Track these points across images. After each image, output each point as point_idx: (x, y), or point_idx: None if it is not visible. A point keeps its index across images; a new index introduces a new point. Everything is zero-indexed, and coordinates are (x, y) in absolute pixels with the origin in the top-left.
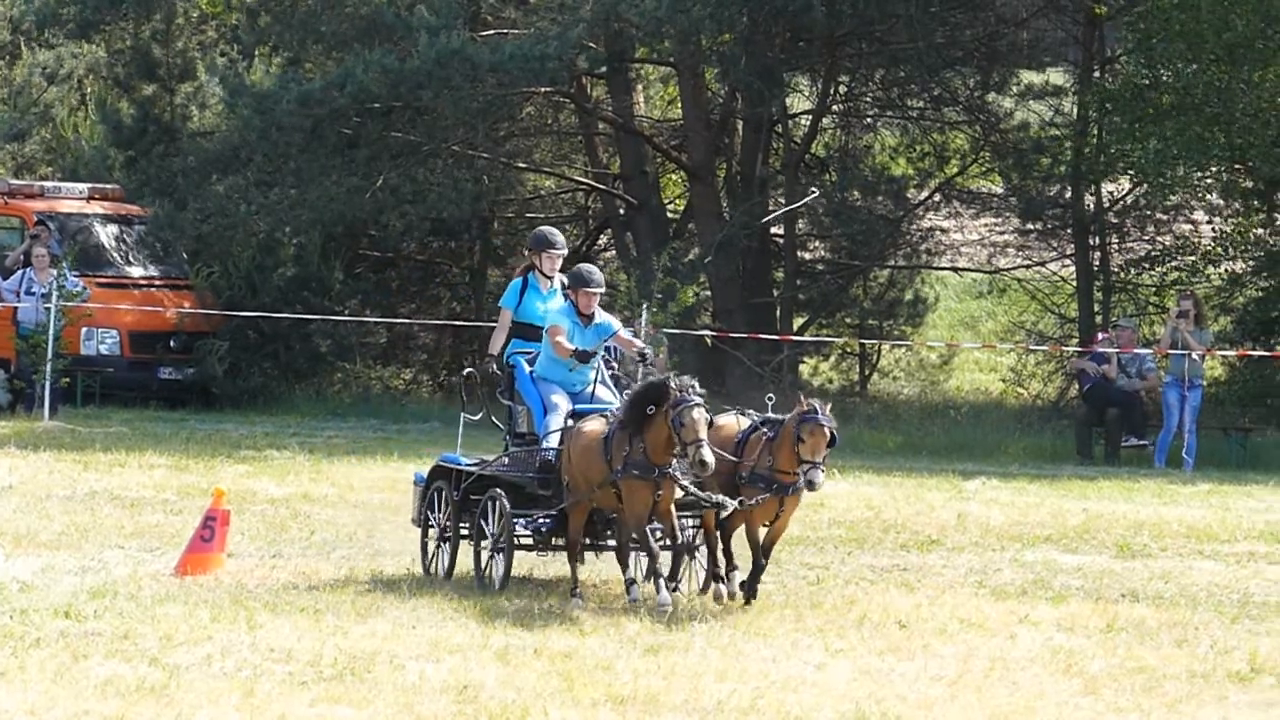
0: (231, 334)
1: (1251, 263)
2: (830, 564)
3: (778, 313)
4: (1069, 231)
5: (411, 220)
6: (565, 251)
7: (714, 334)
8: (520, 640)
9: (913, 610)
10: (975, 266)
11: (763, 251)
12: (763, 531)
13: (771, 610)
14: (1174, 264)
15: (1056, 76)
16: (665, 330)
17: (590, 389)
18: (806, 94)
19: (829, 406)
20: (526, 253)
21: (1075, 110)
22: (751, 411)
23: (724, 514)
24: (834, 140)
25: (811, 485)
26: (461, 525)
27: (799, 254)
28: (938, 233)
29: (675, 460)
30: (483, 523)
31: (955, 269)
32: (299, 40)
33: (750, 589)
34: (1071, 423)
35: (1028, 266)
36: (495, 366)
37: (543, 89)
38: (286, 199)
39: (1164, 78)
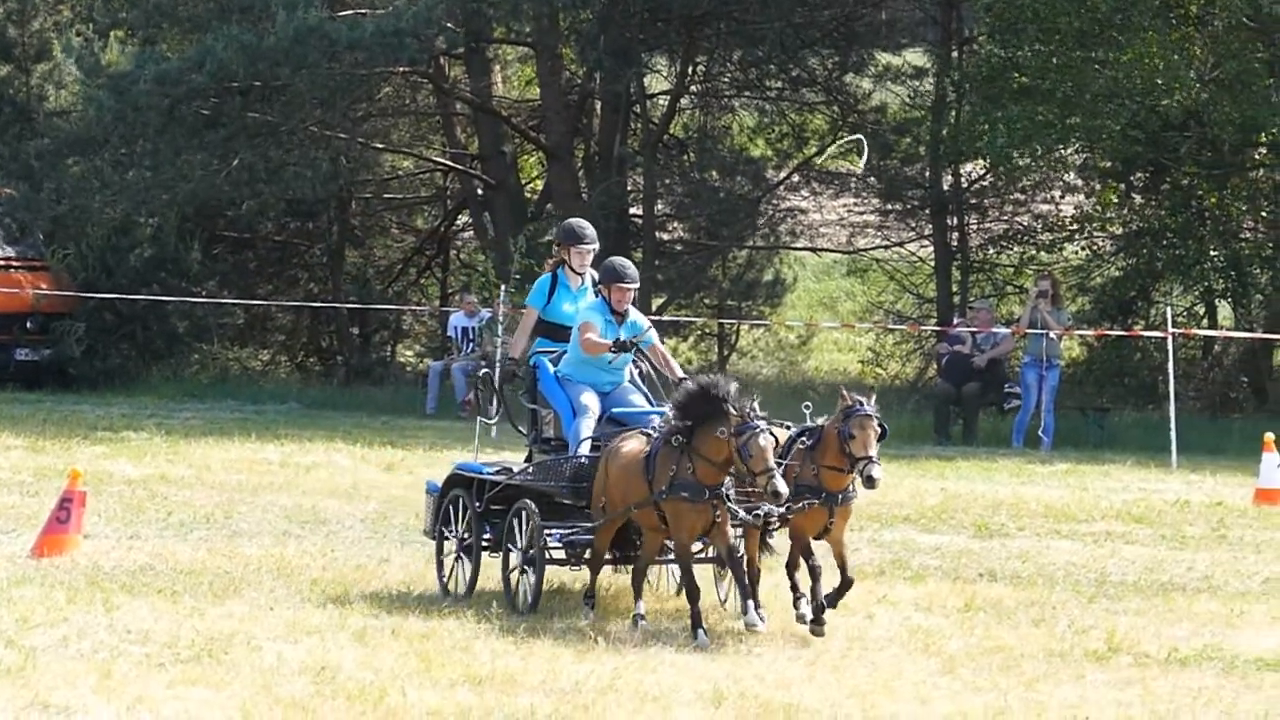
0: (88, 315)
1: (1109, 243)
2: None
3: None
4: (927, 212)
5: (268, 201)
6: (597, 246)
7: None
8: (378, 621)
9: (770, 591)
10: (834, 247)
11: (621, 232)
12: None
13: (629, 593)
14: (1031, 244)
15: (915, 57)
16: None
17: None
18: (665, 74)
19: (873, 398)
20: (555, 247)
21: (933, 91)
22: (788, 423)
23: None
24: (692, 120)
25: (871, 481)
26: (484, 537)
27: (657, 234)
28: (796, 213)
29: (728, 479)
30: (510, 535)
31: (814, 249)
32: (155, 20)
33: (831, 602)
34: (930, 402)
35: (886, 247)
36: (517, 369)
37: (401, 69)
38: (143, 180)
39: (1020, 59)
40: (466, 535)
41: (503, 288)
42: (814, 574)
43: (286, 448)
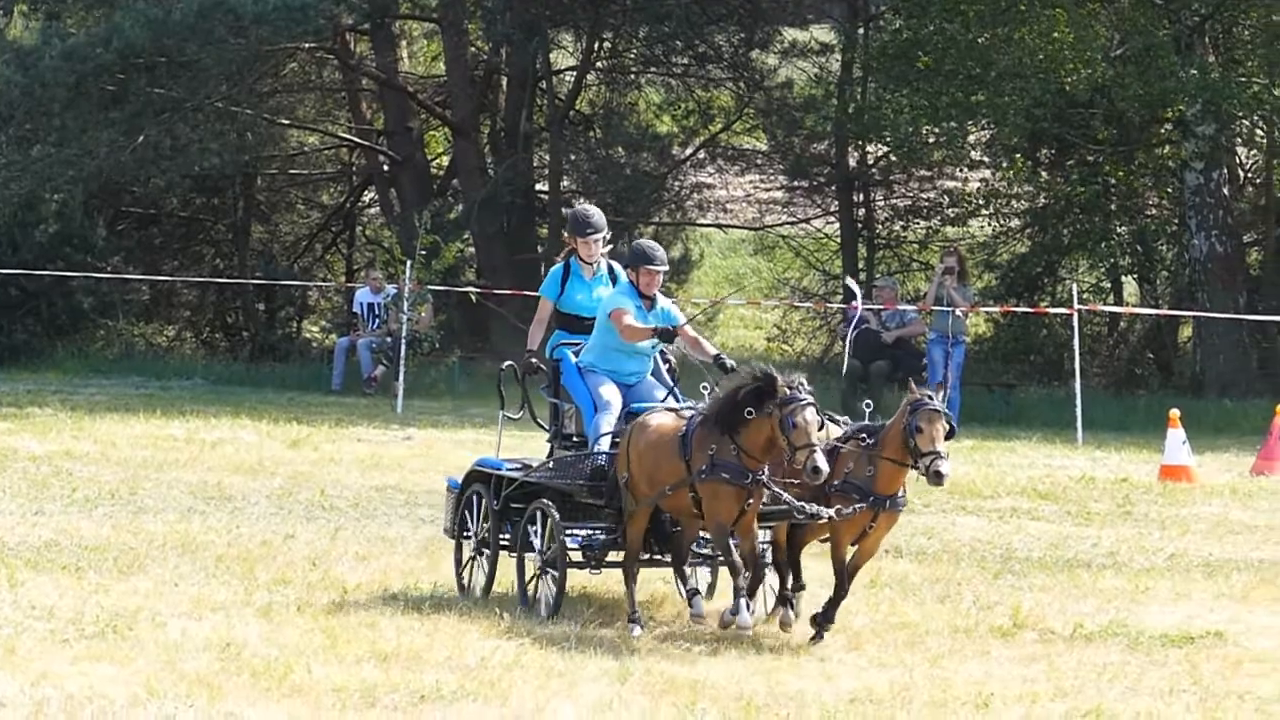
0: None
1: (1015, 219)
2: None
3: (542, 269)
4: (833, 189)
5: (174, 177)
6: (607, 233)
7: (478, 291)
8: (283, 597)
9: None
10: (740, 223)
11: (527, 209)
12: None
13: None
14: (937, 220)
15: (821, 34)
16: (430, 287)
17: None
18: (571, 50)
19: (941, 396)
20: (565, 237)
21: (839, 68)
22: (845, 419)
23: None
24: (599, 96)
25: (938, 477)
26: (501, 536)
27: (563, 210)
28: (703, 189)
29: (767, 466)
30: (528, 536)
31: (720, 225)
32: None
33: (826, 616)
34: (836, 379)
35: (793, 223)
36: (537, 362)
37: (306, 44)
38: (49, 156)
39: (925, 37)
40: (485, 534)
41: (408, 264)
42: (840, 591)
43: (192, 424)
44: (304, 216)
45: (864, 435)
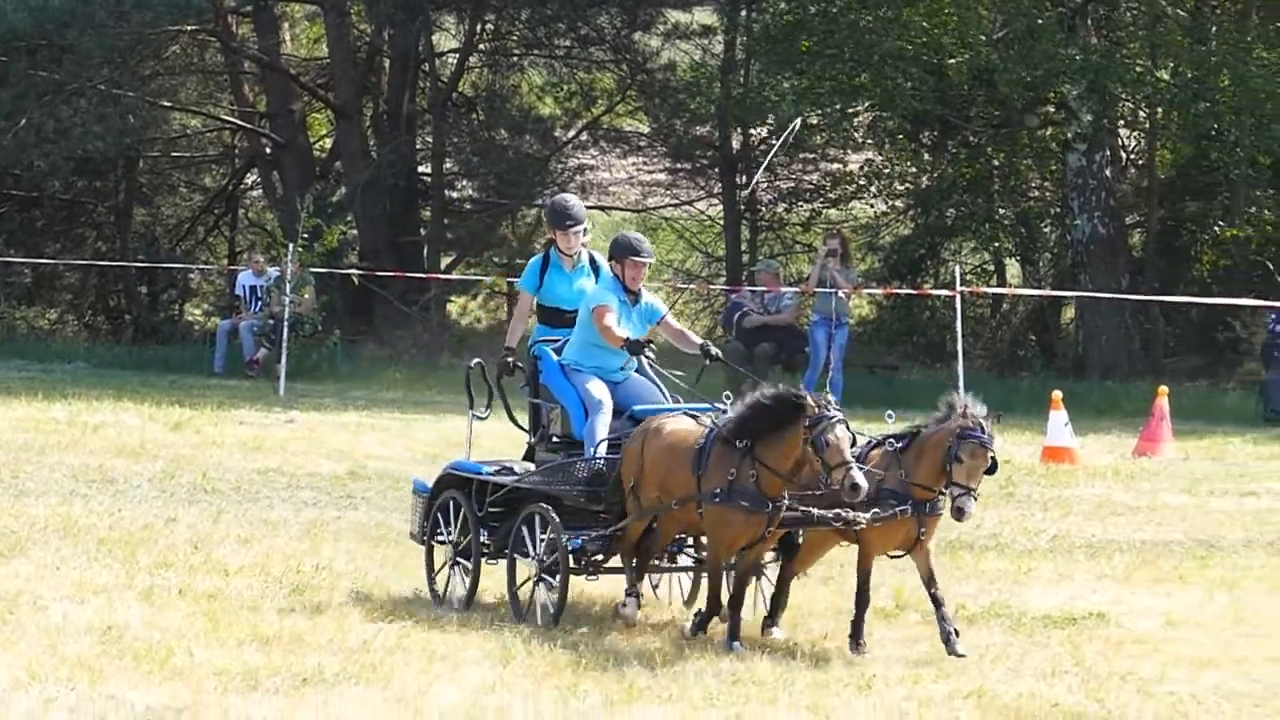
0: None
1: (898, 202)
2: None
3: (425, 252)
4: (716, 171)
5: (56, 160)
6: (587, 224)
7: (361, 273)
8: (165, 581)
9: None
10: (623, 205)
11: (410, 190)
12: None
13: (419, 550)
14: (820, 203)
15: (704, 16)
16: (312, 270)
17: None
18: (453, 32)
19: (992, 422)
20: (545, 227)
21: (722, 50)
22: (869, 433)
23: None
24: (481, 79)
25: (961, 514)
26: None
27: (446, 193)
28: (586, 172)
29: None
30: (519, 543)
31: (603, 208)
32: None
33: (947, 640)
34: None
35: (676, 206)
36: (513, 359)
37: (188, 26)
38: None
39: (807, 20)
40: (464, 541)
41: (290, 246)
42: (862, 602)
43: (74, 406)
44: (186, 199)
45: (893, 440)
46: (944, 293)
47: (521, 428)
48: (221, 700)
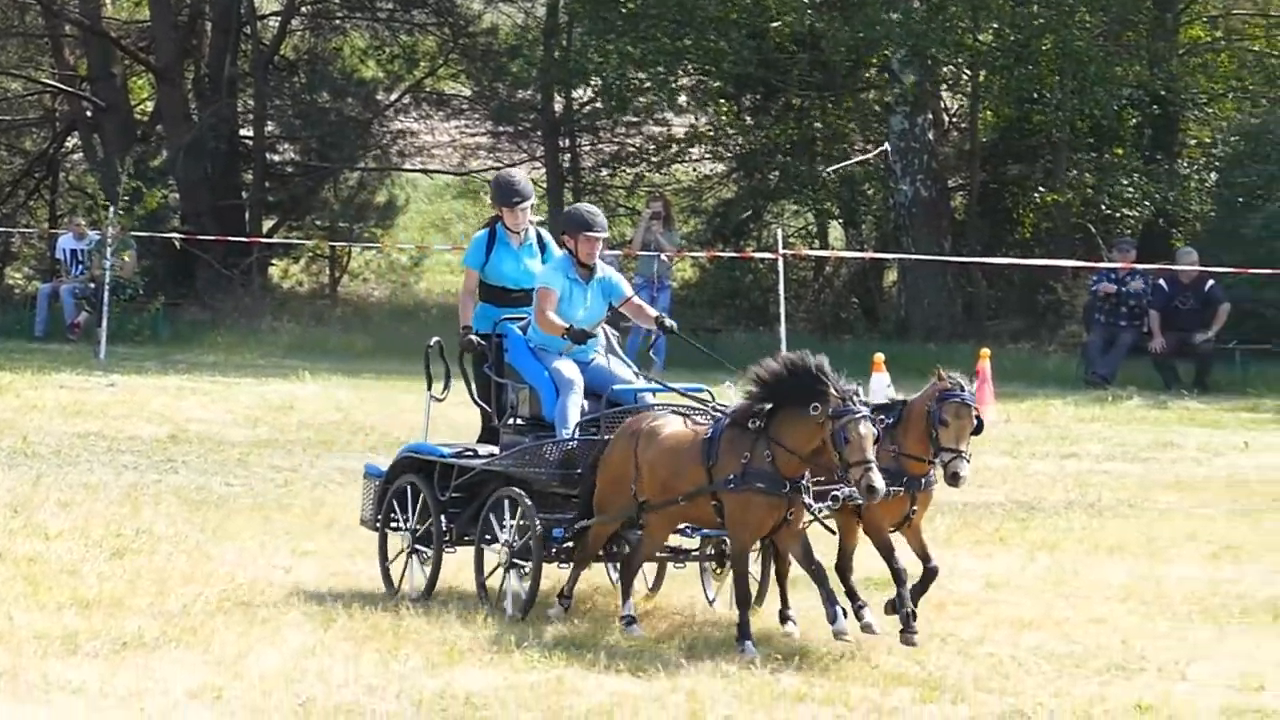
0: None
1: (721, 165)
2: (298, 466)
3: (247, 215)
4: (539, 134)
5: None
6: (534, 200)
7: (182, 237)
8: None
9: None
10: (446, 169)
11: (231, 154)
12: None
13: (239, 513)
14: (643, 166)
15: None
16: (133, 234)
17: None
18: None
19: (973, 383)
20: (490, 203)
21: (545, 14)
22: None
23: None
24: (303, 42)
25: (956, 479)
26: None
27: (268, 156)
28: (408, 135)
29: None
30: (487, 529)
31: (426, 171)
32: None
33: (909, 606)
34: None
35: (498, 168)
36: (474, 337)
37: None
38: None
39: None
40: (424, 528)
41: (111, 210)
42: (898, 577)
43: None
44: (6, 163)
45: (882, 417)
46: (767, 255)
47: (485, 408)
48: (41, 664)
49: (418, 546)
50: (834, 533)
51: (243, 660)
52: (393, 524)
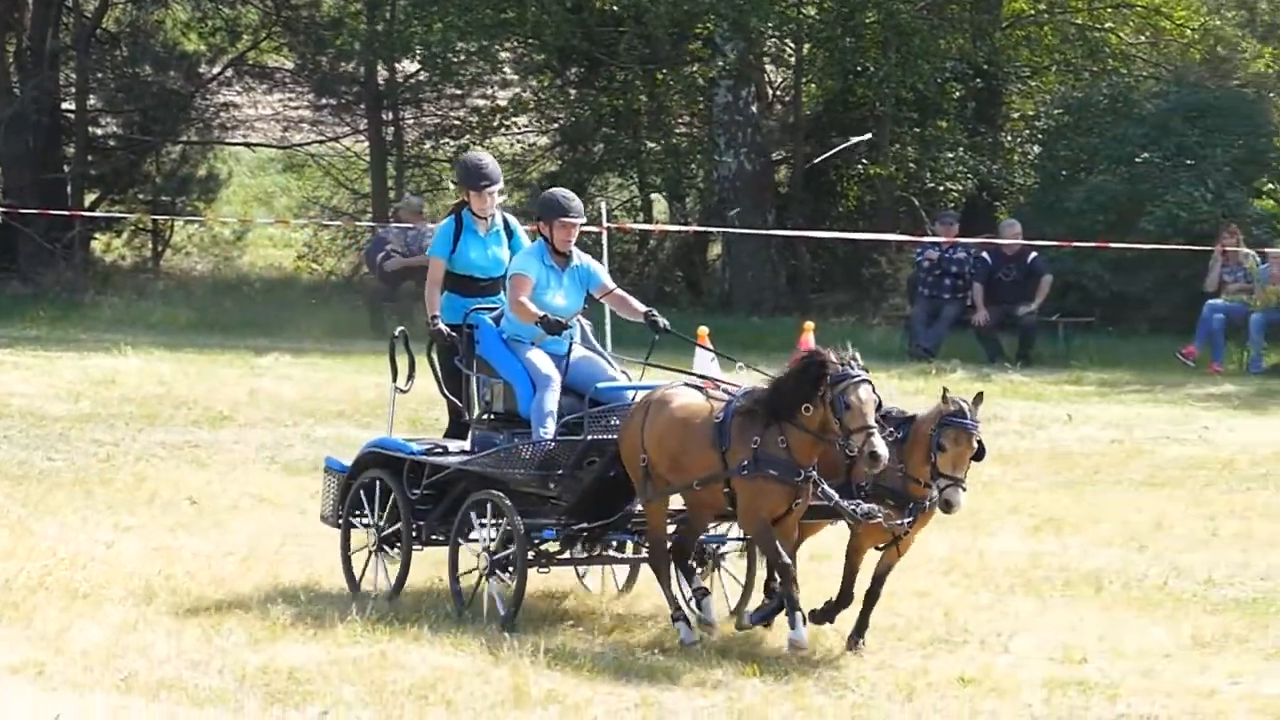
0: None
1: (545, 137)
2: (121, 441)
3: (69, 189)
4: (362, 107)
5: None
6: (501, 184)
7: (3, 211)
8: None
9: (204, 486)
10: (268, 142)
11: (53, 127)
12: (874, 556)
13: (61, 488)
14: (467, 139)
15: None
16: None
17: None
18: None
19: (979, 407)
20: (455, 188)
21: None
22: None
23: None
24: (125, 15)
25: (949, 507)
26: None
27: (90, 129)
28: (231, 108)
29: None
30: (466, 529)
31: (249, 144)
32: None
33: (828, 616)
34: (364, 298)
35: (321, 142)
36: (444, 328)
37: None
38: None
39: None
40: (391, 527)
41: None
42: (841, 600)
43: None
44: None
45: (892, 430)
46: (591, 229)
47: (455, 402)
48: None
49: (384, 545)
50: (855, 525)
51: (64, 635)
52: (357, 521)
